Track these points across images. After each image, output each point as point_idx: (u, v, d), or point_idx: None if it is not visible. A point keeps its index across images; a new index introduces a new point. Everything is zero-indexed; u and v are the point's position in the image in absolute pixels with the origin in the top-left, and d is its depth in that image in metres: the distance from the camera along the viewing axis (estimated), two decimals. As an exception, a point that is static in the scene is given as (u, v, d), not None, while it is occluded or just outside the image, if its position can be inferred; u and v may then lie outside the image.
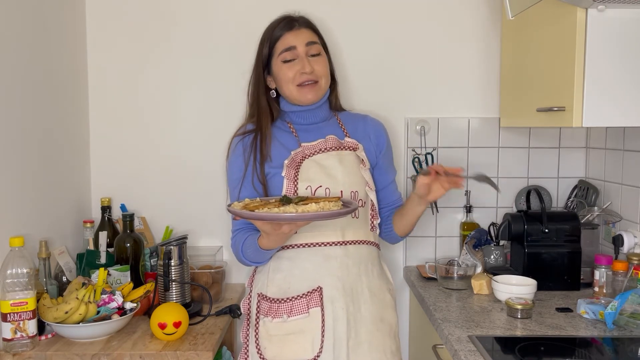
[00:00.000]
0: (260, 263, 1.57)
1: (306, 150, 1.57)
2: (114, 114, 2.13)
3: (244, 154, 1.59)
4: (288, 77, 1.57)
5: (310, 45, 1.57)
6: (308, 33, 1.59)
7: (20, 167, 1.68)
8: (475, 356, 1.34)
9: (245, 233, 1.55)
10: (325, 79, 1.60)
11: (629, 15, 1.43)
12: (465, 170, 1.62)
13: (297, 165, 1.54)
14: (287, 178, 1.53)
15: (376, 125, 1.71)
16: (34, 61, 1.77)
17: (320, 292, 1.49)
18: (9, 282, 1.48)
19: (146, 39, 2.11)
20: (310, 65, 1.56)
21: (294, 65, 1.56)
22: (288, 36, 1.57)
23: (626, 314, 1.49)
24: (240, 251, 1.55)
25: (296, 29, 1.58)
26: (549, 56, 1.63)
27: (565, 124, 1.53)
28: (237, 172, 1.59)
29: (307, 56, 1.57)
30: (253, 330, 1.55)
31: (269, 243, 1.43)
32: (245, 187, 1.57)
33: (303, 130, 1.63)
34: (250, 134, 1.61)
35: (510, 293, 1.68)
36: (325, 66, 1.61)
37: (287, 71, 1.57)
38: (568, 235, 1.84)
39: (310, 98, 1.57)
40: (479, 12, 2.11)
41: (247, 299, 1.62)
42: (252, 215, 1.30)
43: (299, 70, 1.56)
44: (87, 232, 1.94)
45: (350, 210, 1.36)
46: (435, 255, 2.19)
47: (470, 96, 2.15)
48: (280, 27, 1.58)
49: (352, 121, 1.69)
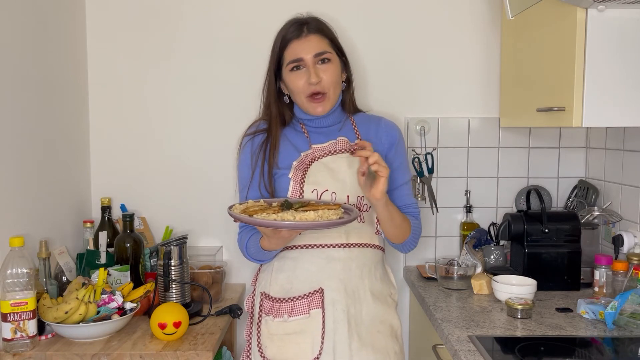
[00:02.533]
0: (264, 261, 1.57)
1: (316, 152, 1.55)
2: (114, 113, 2.13)
3: (252, 156, 1.58)
4: (298, 87, 1.54)
5: (319, 55, 1.53)
6: (317, 40, 1.53)
7: (21, 167, 1.68)
8: (475, 356, 1.34)
9: (250, 231, 1.56)
10: (334, 87, 1.55)
11: (629, 15, 1.43)
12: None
13: (305, 168, 1.53)
14: (294, 180, 1.52)
15: (390, 128, 1.66)
16: (34, 61, 1.77)
17: (321, 293, 1.49)
18: (9, 282, 1.48)
19: (146, 38, 2.11)
20: (318, 75, 1.51)
21: (302, 74, 1.53)
22: (295, 45, 1.52)
23: (626, 314, 1.49)
24: (244, 248, 1.57)
25: (304, 36, 1.52)
26: (549, 56, 1.63)
27: (565, 124, 1.53)
28: (246, 172, 1.59)
29: (316, 64, 1.52)
30: (255, 328, 1.55)
31: (270, 245, 1.45)
32: (253, 188, 1.57)
33: (315, 132, 1.61)
34: (261, 134, 1.60)
35: (510, 293, 1.68)
36: (335, 73, 1.55)
37: (296, 80, 1.53)
38: (568, 235, 1.84)
39: (319, 111, 1.55)
40: (479, 12, 2.11)
41: (251, 297, 1.62)
42: (250, 220, 1.33)
43: (307, 80, 1.52)
44: (87, 232, 1.95)
45: (347, 221, 1.36)
46: (435, 255, 2.19)
47: (470, 96, 2.15)
48: (289, 34, 1.54)
49: (366, 124, 1.65)
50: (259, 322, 1.54)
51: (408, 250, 1.65)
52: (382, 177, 1.40)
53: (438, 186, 2.17)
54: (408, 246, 1.63)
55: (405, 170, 1.65)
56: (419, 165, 2.12)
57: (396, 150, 1.65)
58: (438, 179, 2.16)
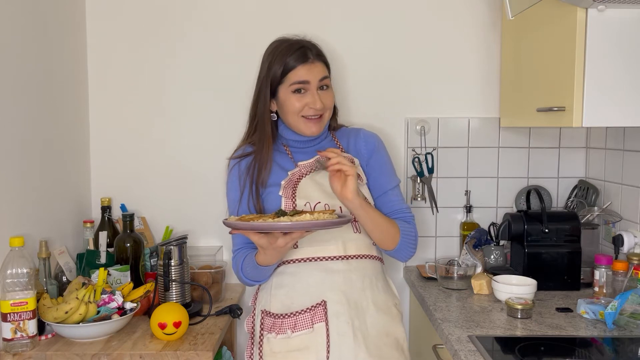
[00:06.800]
0: (260, 281, 1.55)
1: (303, 169, 1.55)
2: (114, 114, 2.13)
3: (239, 179, 1.58)
4: (295, 108, 1.54)
5: (323, 80, 1.56)
6: (321, 67, 1.57)
7: (21, 167, 1.68)
8: (475, 356, 1.34)
9: (245, 251, 1.54)
10: (329, 111, 1.60)
11: (629, 15, 1.43)
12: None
13: (295, 184, 1.53)
14: (285, 197, 1.52)
15: (367, 136, 1.66)
16: (34, 62, 1.77)
17: (324, 306, 1.47)
18: (9, 282, 1.48)
19: (147, 39, 2.11)
20: (321, 101, 1.54)
21: (303, 98, 1.54)
22: (302, 70, 1.53)
23: (626, 314, 1.49)
24: (240, 270, 1.55)
25: (311, 62, 1.54)
26: (549, 56, 1.63)
27: (565, 124, 1.53)
28: (234, 194, 1.59)
29: (318, 90, 1.55)
30: (257, 348, 1.51)
31: (266, 258, 1.43)
32: (242, 208, 1.57)
33: (299, 152, 1.61)
34: (247, 157, 1.60)
35: (510, 293, 1.67)
36: (332, 99, 1.60)
37: (296, 102, 1.54)
38: (568, 235, 1.84)
39: (314, 131, 1.56)
40: (479, 12, 2.11)
41: (251, 317, 1.60)
42: (247, 225, 1.32)
43: (307, 103, 1.53)
44: (87, 232, 1.95)
45: (346, 221, 1.36)
46: (435, 255, 2.19)
47: (470, 96, 2.15)
48: (295, 58, 1.54)
49: (345, 137, 1.67)
50: (261, 342, 1.51)
51: (405, 257, 1.58)
52: (349, 175, 1.41)
53: (438, 186, 2.17)
54: (403, 252, 1.56)
55: (390, 176, 1.62)
56: (419, 165, 2.12)
57: (376, 157, 1.63)
58: (438, 179, 2.17)
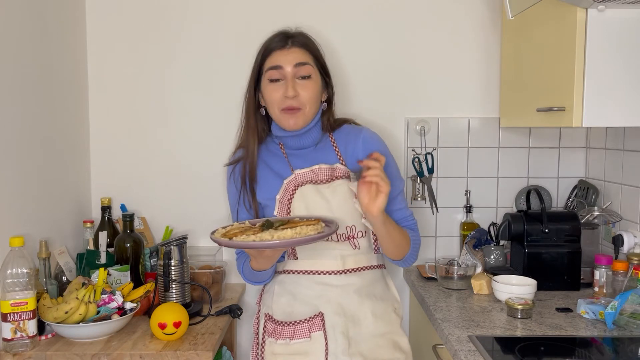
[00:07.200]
0: (261, 282, 1.59)
1: (299, 178, 1.53)
2: (114, 114, 2.13)
3: (235, 185, 1.60)
4: (273, 99, 1.50)
5: (299, 67, 1.48)
6: (300, 53, 1.49)
7: (21, 167, 1.68)
8: (475, 356, 1.34)
9: (245, 255, 1.58)
10: (310, 105, 1.50)
11: (629, 15, 1.43)
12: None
13: (289, 200, 1.52)
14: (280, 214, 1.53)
15: (368, 139, 1.57)
16: (34, 61, 1.76)
17: (322, 317, 1.48)
18: (9, 282, 1.48)
19: (147, 38, 2.11)
20: (295, 89, 1.47)
21: (279, 87, 1.49)
22: (278, 54, 1.49)
23: (626, 314, 1.49)
24: (242, 272, 1.61)
25: (288, 47, 1.49)
26: (549, 56, 1.63)
27: (565, 124, 1.53)
28: (233, 198, 1.62)
29: (295, 78, 1.49)
30: (260, 349, 1.55)
31: (258, 265, 1.48)
32: (242, 211, 1.60)
33: (294, 155, 1.57)
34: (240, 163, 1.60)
35: (510, 293, 1.67)
36: (313, 90, 1.50)
37: (273, 92, 1.49)
38: (568, 235, 1.84)
39: (291, 124, 1.50)
40: (479, 13, 2.11)
41: (256, 318, 1.63)
42: (229, 243, 1.35)
43: (283, 93, 1.48)
44: (87, 232, 1.95)
45: (325, 235, 1.34)
46: (435, 255, 2.19)
47: (470, 96, 2.15)
48: (274, 43, 1.51)
49: (345, 139, 1.58)
50: (263, 343, 1.54)
51: (409, 264, 1.58)
52: (382, 193, 1.34)
53: (438, 186, 2.17)
54: (408, 261, 1.57)
55: (395, 180, 1.53)
56: (419, 165, 2.12)
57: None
58: (438, 179, 2.16)
